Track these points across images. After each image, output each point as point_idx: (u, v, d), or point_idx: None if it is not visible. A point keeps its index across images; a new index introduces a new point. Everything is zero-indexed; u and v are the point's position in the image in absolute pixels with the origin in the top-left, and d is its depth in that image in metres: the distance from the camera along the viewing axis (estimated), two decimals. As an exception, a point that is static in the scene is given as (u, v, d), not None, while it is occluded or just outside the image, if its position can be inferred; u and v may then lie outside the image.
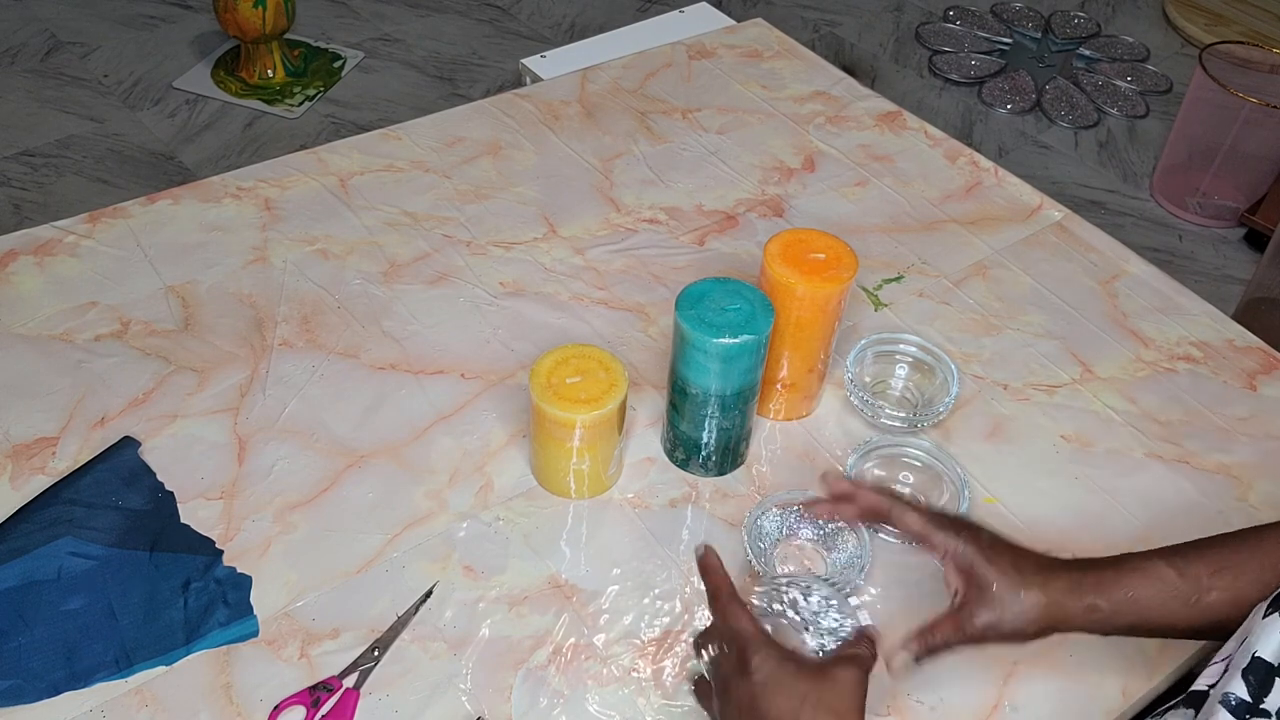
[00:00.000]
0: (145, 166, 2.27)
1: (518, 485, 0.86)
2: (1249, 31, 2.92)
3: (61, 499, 0.81)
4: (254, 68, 2.50)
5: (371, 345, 0.96)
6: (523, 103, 1.26)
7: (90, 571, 0.77)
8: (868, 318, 1.03)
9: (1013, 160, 2.50)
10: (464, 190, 1.13)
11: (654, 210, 1.13)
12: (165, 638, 0.74)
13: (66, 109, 2.40)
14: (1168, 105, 2.73)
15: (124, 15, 2.73)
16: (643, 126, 1.24)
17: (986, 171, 1.22)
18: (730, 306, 0.79)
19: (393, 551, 0.80)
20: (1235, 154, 2.33)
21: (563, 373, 0.80)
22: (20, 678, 0.71)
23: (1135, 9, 3.13)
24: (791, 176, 1.19)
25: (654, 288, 1.04)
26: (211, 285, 1.00)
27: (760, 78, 1.34)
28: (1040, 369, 0.99)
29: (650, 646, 0.76)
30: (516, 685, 0.73)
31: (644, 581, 0.80)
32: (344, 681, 0.72)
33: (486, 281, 1.03)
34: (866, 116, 1.29)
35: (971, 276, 1.08)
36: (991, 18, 3.03)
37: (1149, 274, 1.10)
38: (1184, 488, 0.90)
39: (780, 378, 0.89)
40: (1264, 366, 1.01)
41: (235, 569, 0.78)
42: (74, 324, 0.96)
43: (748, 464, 0.89)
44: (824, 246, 0.85)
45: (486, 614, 0.77)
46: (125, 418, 0.88)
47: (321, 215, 1.09)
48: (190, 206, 1.08)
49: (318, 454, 0.87)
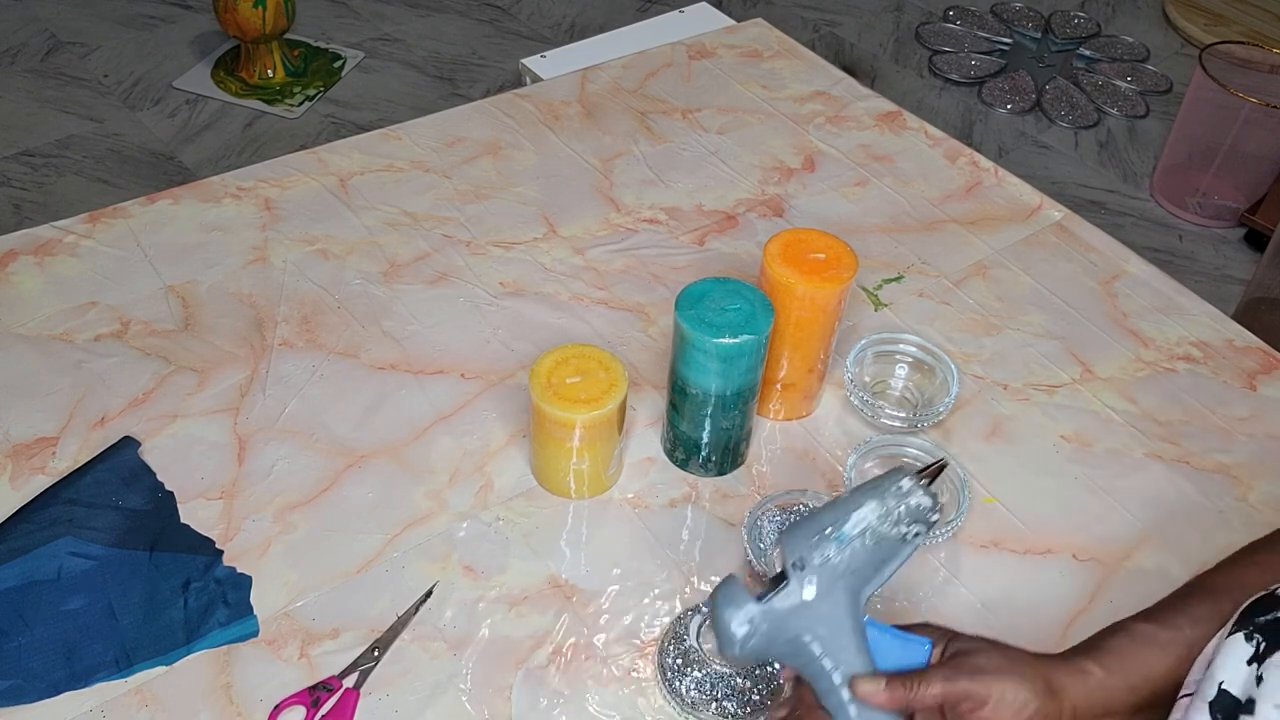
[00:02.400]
0: (145, 166, 2.27)
1: (518, 485, 0.86)
2: (1249, 31, 2.92)
3: (61, 499, 0.81)
4: (254, 68, 2.50)
5: (371, 345, 0.96)
6: (523, 103, 1.26)
7: (90, 571, 0.77)
8: (868, 318, 1.03)
9: (1013, 160, 2.50)
10: (464, 190, 1.13)
11: (654, 210, 1.13)
12: (165, 638, 0.74)
13: (66, 109, 2.40)
14: (1168, 105, 2.73)
15: (124, 15, 2.73)
16: (643, 126, 1.24)
17: (986, 171, 1.22)
18: (730, 306, 0.79)
19: (393, 551, 0.80)
20: (1235, 154, 2.33)
21: (563, 373, 0.80)
22: (20, 678, 0.71)
23: (1135, 9, 3.13)
24: (791, 176, 1.19)
25: (654, 288, 1.04)
26: (211, 285, 1.00)
27: (760, 78, 1.34)
28: (1040, 369, 0.99)
29: (650, 646, 0.76)
30: (516, 685, 0.73)
31: (644, 581, 0.80)
32: (344, 681, 0.72)
33: (486, 281, 1.03)
34: (866, 116, 1.29)
35: (971, 276, 1.08)
36: (991, 18, 3.03)
37: (1149, 274, 1.10)
38: (1184, 488, 0.90)
39: (780, 378, 0.89)
40: (1264, 366, 1.01)
41: (235, 569, 0.78)
42: (74, 324, 0.96)
43: (748, 464, 0.89)
44: (824, 246, 0.85)
45: (486, 614, 0.77)
46: (125, 418, 0.88)
47: (321, 215, 1.09)
48: (190, 206, 1.08)
49: (318, 454, 0.87)
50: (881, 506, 0.60)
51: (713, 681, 0.72)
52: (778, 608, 0.59)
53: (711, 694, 0.71)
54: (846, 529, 0.59)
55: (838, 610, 0.59)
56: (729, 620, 0.59)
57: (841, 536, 0.59)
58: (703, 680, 0.72)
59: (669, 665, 0.73)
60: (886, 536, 0.60)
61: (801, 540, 0.60)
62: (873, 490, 0.61)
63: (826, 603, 0.59)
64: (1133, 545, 0.85)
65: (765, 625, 0.59)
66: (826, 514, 0.61)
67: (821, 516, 0.61)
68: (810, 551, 0.60)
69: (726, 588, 0.61)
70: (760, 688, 0.72)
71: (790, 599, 0.59)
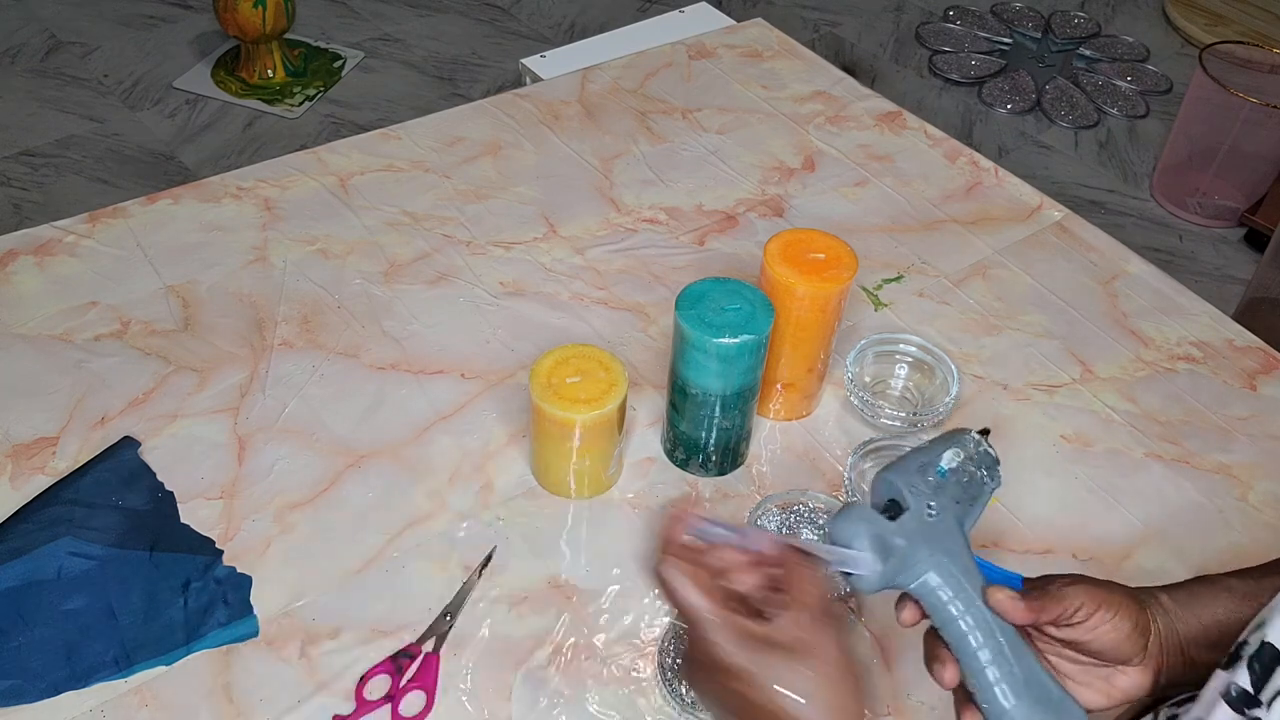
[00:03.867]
0: (145, 166, 2.27)
1: (518, 485, 0.86)
2: (1249, 31, 2.92)
3: (61, 499, 0.81)
4: (254, 68, 2.50)
5: (371, 345, 0.96)
6: (523, 103, 1.26)
7: (90, 571, 0.77)
8: (868, 318, 1.03)
9: (1013, 160, 2.50)
10: (464, 190, 1.13)
11: (654, 210, 1.13)
12: (165, 638, 0.74)
13: (66, 109, 2.40)
14: (1168, 105, 2.73)
15: (124, 15, 2.73)
16: (643, 126, 1.24)
17: (986, 171, 1.22)
18: (730, 306, 0.79)
19: (393, 551, 0.80)
20: (1235, 154, 2.33)
21: (563, 373, 0.80)
22: (20, 678, 0.71)
23: (1135, 9, 3.13)
24: (791, 176, 1.19)
25: (654, 288, 1.04)
26: (211, 285, 1.00)
27: (760, 78, 1.34)
28: (1040, 369, 0.99)
29: (650, 646, 0.76)
30: (516, 685, 0.73)
31: (644, 581, 0.80)
32: (423, 647, 0.74)
33: (486, 281, 1.03)
34: (866, 116, 1.29)
35: (971, 276, 1.08)
36: (991, 18, 3.03)
37: (1149, 274, 1.10)
38: (1184, 488, 0.90)
39: (780, 378, 0.89)
40: (1264, 366, 1.01)
41: (235, 569, 0.78)
42: (74, 324, 0.96)
43: (748, 464, 0.89)
44: (824, 246, 0.85)
45: (486, 614, 0.77)
46: (125, 418, 0.88)
47: (321, 215, 1.09)
48: (190, 206, 1.08)
49: (318, 454, 0.87)
50: (963, 449, 0.63)
51: None
52: (911, 527, 0.60)
53: None
54: (944, 464, 0.63)
55: (952, 537, 0.61)
56: (862, 543, 0.59)
57: (941, 470, 0.62)
58: None
59: (669, 665, 0.73)
60: (972, 476, 0.63)
61: (907, 473, 0.62)
62: (946, 439, 0.64)
63: (941, 528, 0.61)
64: (1133, 545, 0.85)
65: (902, 545, 0.59)
66: (913, 457, 0.63)
67: (910, 459, 0.63)
68: (919, 480, 0.62)
69: (852, 513, 0.60)
70: None
71: (917, 519, 0.60)
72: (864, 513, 0.60)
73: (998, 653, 0.58)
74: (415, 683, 0.72)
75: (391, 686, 0.72)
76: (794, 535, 0.83)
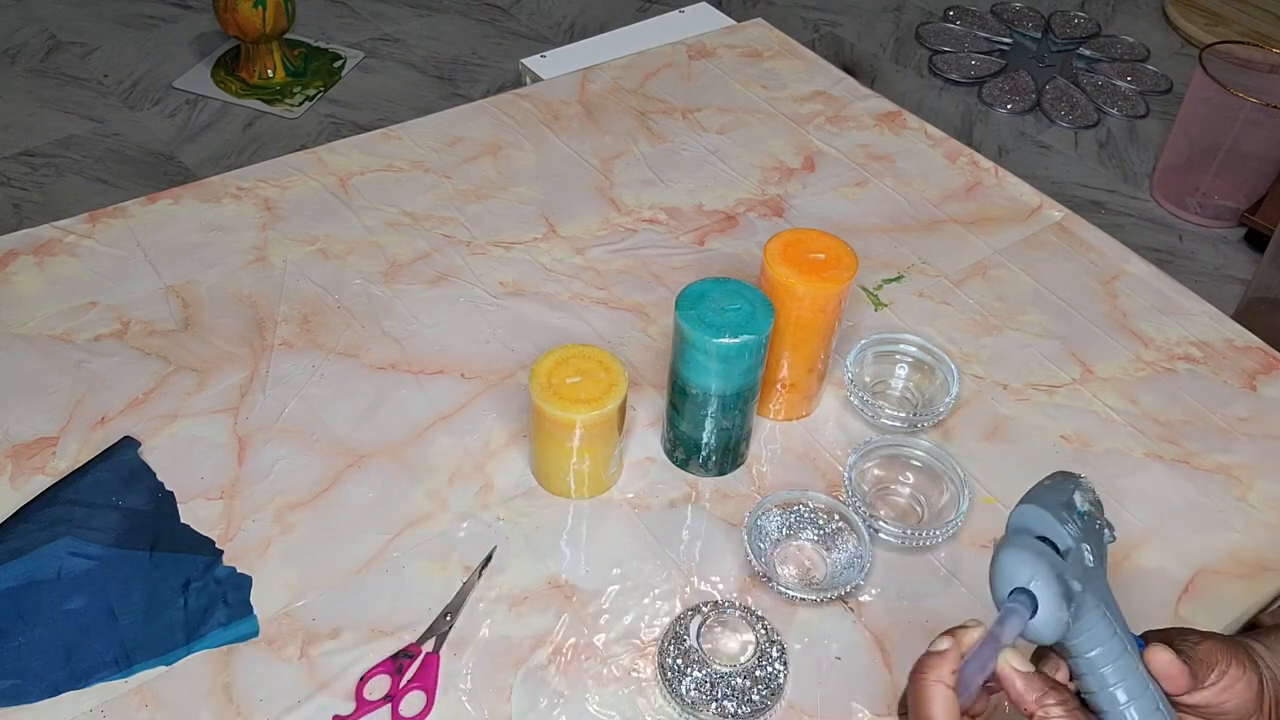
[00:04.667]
0: (145, 166, 2.27)
1: (518, 485, 0.86)
2: (1249, 31, 2.92)
3: (61, 499, 0.81)
4: (254, 68, 2.50)
5: (371, 345, 0.96)
6: (523, 103, 1.26)
7: (90, 571, 0.77)
8: (868, 318, 1.03)
9: (1013, 160, 2.50)
10: (464, 190, 1.13)
11: (654, 210, 1.13)
12: (165, 638, 0.74)
13: (66, 109, 2.40)
14: (1168, 105, 2.73)
15: (124, 15, 2.73)
16: (643, 126, 1.24)
17: (986, 171, 1.22)
18: (730, 306, 0.79)
19: (393, 551, 0.80)
20: (1235, 154, 2.33)
21: (563, 373, 0.80)
22: (20, 678, 0.71)
23: (1135, 9, 3.13)
24: (791, 176, 1.19)
25: (654, 288, 1.04)
26: (211, 285, 1.00)
27: (760, 78, 1.34)
28: (1040, 369, 0.99)
29: (650, 646, 0.76)
30: (516, 685, 0.73)
31: (644, 581, 0.80)
32: (423, 647, 0.74)
33: (486, 281, 1.03)
34: (866, 116, 1.29)
35: (971, 276, 1.08)
36: (991, 18, 3.03)
37: (1149, 274, 1.10)
38: (1184, 488, 0.90)
39: (780, 378, 0.89)
40: (1264, 366, 1.01)
41: (235, 569, 0.78)
42: (74, 324, 0.96)
43: (748, 464, 0.89)
44: (824, 246, 0.85)
45: (486, 614, 0.77)
46: (125, 418, 0.88)
47: (321, 215, 1.09)
48: (190, 206, 1.08)
49: (318, 454, 0.87)
50: (1084, 493, 0.58)
51: (713, 681, 0.72)
52: (1076, 571, 0.53)
53: (711, 694, 0.71)
54: (1079, 506, 0.57)
55: (1107, 590, 0.55)
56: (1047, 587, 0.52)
57: (1080, 512, 0.57)
58: (703, 680, 0.72)
59: (669, 665, 0.73)
60: (1094, 520, 0.58)
61: (1055, 508, 0.56)
62: (1064, 480, 0.59)
63: (1099, 579, 0.55)
64: (1133, 545, 0.85)
65: (1079, 590, 0.52)
66: (1046, 495, 0.57)
67: (1043, 496, 0.57)
68: (1069, 518, 0.56)
69: (1028, 546, 0.53)
70: (760, 688, 0.72)
71: (1078, 564, 0.54)
72: (1038, 546, 0.53)
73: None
74: (415, 683, 0.72)
75: (391, 686, 0.72)
76: (795, 535, 0.83)
